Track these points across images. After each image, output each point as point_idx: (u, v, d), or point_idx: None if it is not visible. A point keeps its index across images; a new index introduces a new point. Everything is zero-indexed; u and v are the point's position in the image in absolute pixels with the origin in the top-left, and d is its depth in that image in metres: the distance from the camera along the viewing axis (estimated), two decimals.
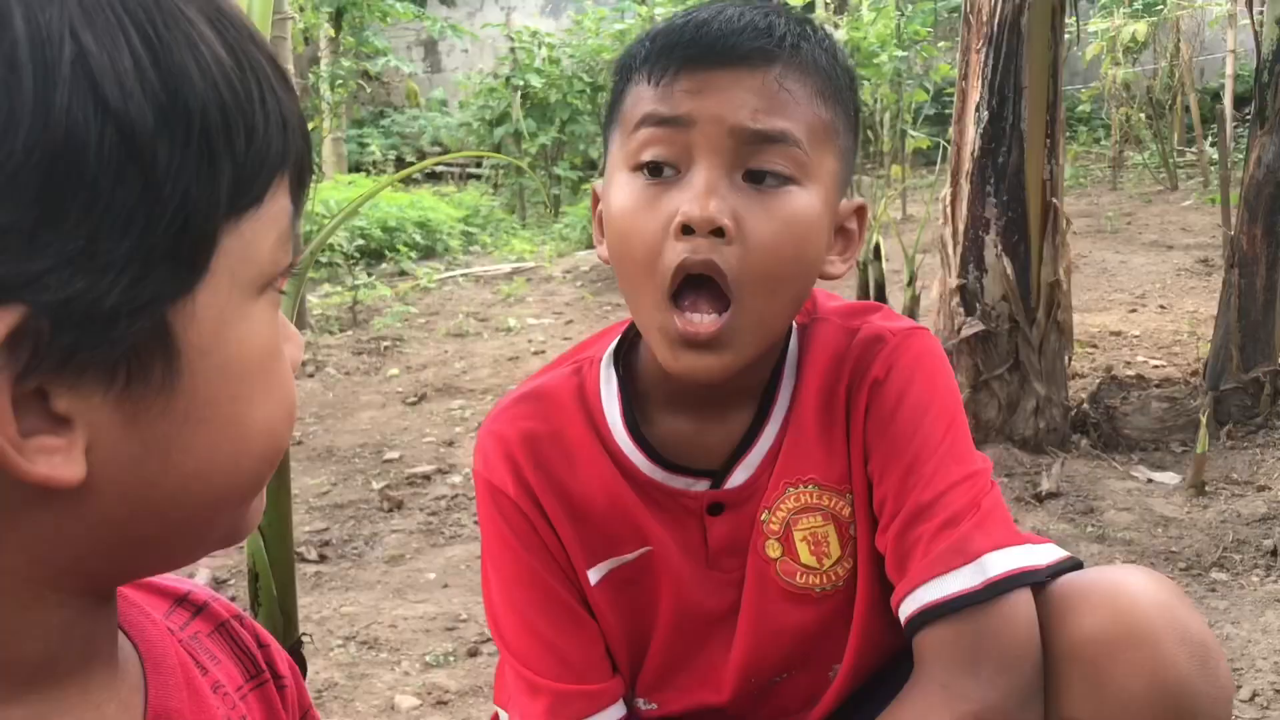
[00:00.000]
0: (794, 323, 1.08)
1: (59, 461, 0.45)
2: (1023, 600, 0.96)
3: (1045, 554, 1.01)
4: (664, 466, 1.06)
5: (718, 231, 0.92)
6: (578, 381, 1.09)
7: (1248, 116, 3.91)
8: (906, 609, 0.98)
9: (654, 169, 0.95)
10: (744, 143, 0.93)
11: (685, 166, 0.94)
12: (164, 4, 0.46)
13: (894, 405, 1.02)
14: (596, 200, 1.05)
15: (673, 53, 0.95)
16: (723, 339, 0.94)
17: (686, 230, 0.92)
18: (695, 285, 0.94)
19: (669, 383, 1.04)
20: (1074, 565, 1.02)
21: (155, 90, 0.45)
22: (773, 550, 1.06)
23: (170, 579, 0.67)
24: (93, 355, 0.45)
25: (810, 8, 5.74)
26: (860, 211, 1.04)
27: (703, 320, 0.94)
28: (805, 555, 1.05)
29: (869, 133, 6.88)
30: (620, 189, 0.98)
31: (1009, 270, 3.14)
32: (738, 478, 1.06)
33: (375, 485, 3.18)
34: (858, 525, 1.05)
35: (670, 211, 0.93)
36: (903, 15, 7.18)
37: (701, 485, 1.06)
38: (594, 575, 1.07)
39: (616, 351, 1.09)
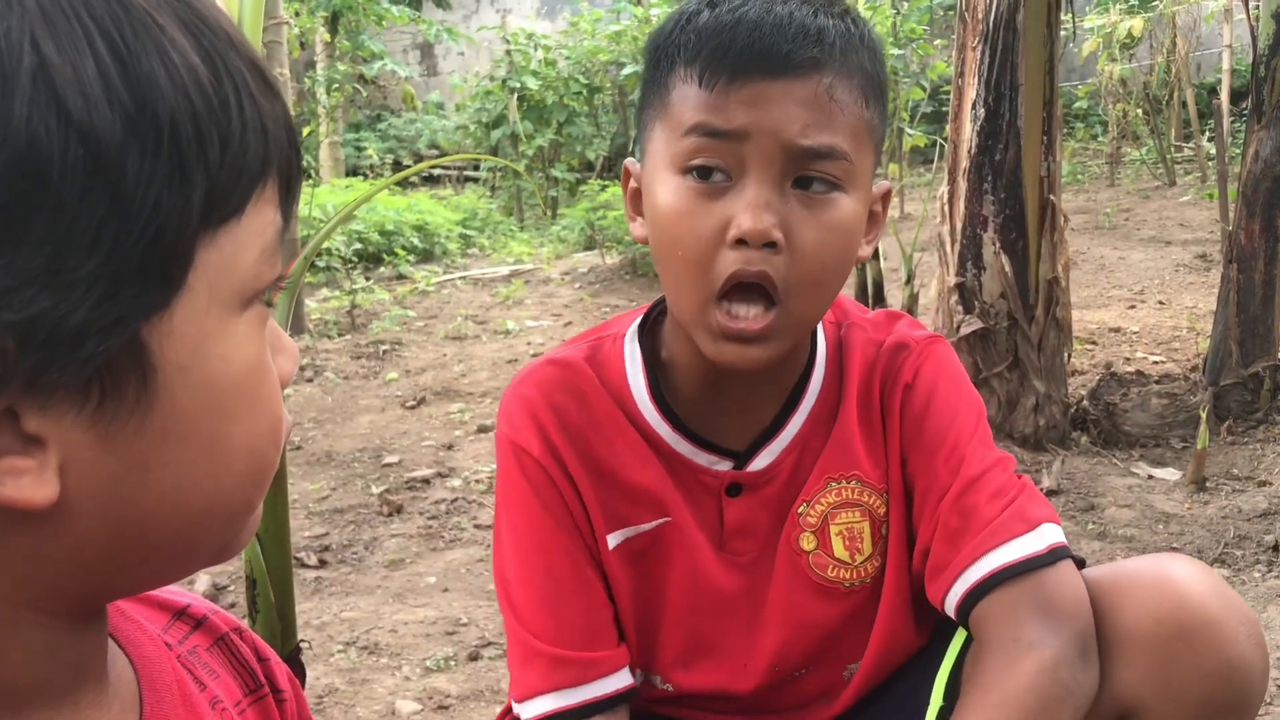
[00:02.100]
0: (821, 323, 1.12)
1: (28, 483, 0.44)
2: (1073, 568, 1.03)
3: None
4: (689, 439, 1.08)
5: (770, 244, 0.95)
6: (599, 356, 1.11)
7: (1245, 111, 3.91)
8: (971, 577, 1.01)
9: (703, 172, 0.98)
10: (795, 157, 0.96)
11: (737, 175, 0.96)
12: (133, 10, 0.44)
13: (925, 404, 1.07)
14: (628, 175, 1.07)
15: (724, 59, 0.95)
16: (767, 334, 0.98)
17: (741, 242, 0.95)
18: (742, 287, 0.98)
19: (699, 366, 1.06)
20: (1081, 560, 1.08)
21: (122, 100, 0.43)
22: (807, 543, 1.08)
23: (170, 592, 0.66)
24: (62, 374, 0.43)
25: None
26: (885, 196, 1.09)
27: (749, 313, 0.97)
28: (839, 549, 1.08)
29: None
30: (668, 188, 0.99)
31: (1007, 268, 3.14)
32: (760, 462, 1.09)
33: (374, 489, 3.17)
34: (891, 523, 1.08)
35: (723, 218, 0.96)
36: (898, 13, 7.19)
37: (724, 465, 1.09)
38: (612, 541, 1.08)
39: (640, 328, 1.12)
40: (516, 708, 1.06)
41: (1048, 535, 1.02)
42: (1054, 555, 1.01)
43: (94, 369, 0.44)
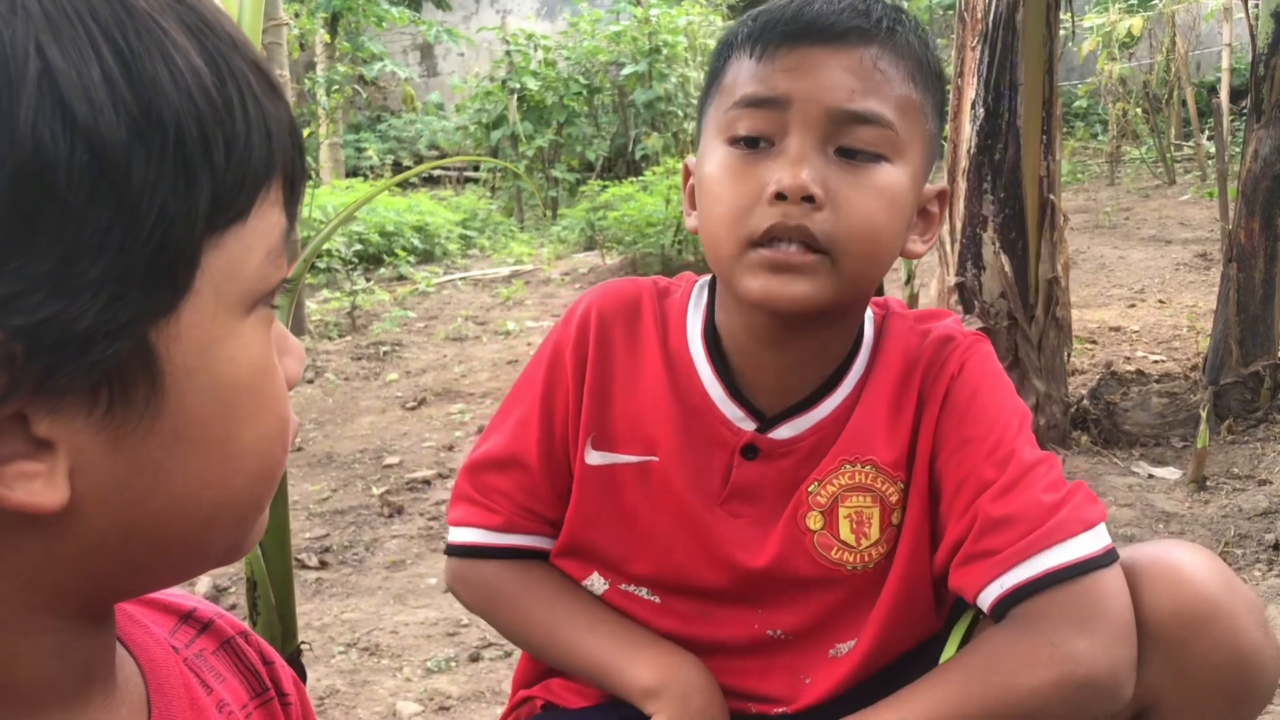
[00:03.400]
0: (872, 312, 1.14)
1: (38, 487, 0.44)
2: (1120, 573, 1.01)
3: None
4: (726, 387, 1.09)
5: (809, 199, 0.97)
6: (670, 292, 1.16)
7: (1244, 110, 3.91)
8: (1022, 574, 0.99)
9: (749, 141, 1.00)
10: (838, 122, 0.98)
11: (780, 139, 0.99)
12: (136, 14, 0.44)
13: (971, 396, 1.07)
14: (688, 174, 1.12)
15: (774, 29, 1.00)
16: (812, 270, 0.98)
17: (780, 197, 0.97)
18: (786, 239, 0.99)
19: (746, 333, 1.08)
20: None
21: (127, 104, 0.43)
22: (814, 522, 1.08)
23: (176, 595, 0.66)
24: (71, 378, 0.43)
25: None
26: (941, 196, 1.10)
27: (792, 248, 0.98)
28: (845, 532, 1.08)
29: None
30: (715, 158, 1.03)
31: (1007, 267, 3.14)
32: (783, 432, 1.09)
33: (375, 491, 3.17)
34: (908, 512, 1.08)
35: (764, 180, 0.98)
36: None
37: (749, 425, 1.09)
38: (593, 458, 1.11)
39: (711, 284, 1.15)
40: (451, 532, 1.18)
41: (1102, 537, 1.01)
42: (1108, 558, 0.99)
43: (102, 372, 0.44)
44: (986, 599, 1.01)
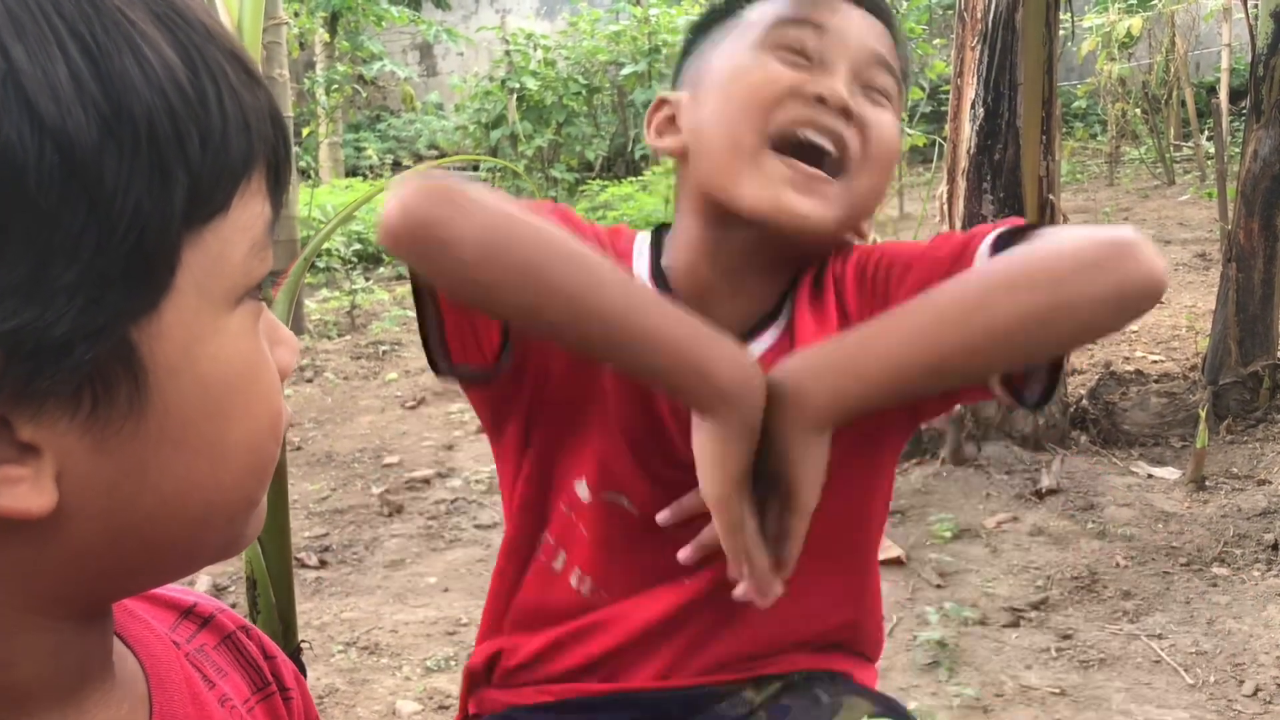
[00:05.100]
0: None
1: (23, 492, 0.44)
2: None
3: None
4: None
5: (844, 114, 1.01)
6: (615, 239, 1.15)
7: (1244, 110, 3.92)
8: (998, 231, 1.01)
9: (790, 53, 1.03)
10: (867, 62, 1.05)
11: (819, 60, 1.03)
12: (104, 8, 0.43)
13: (893, 249, 1.10)
14: (661, 103, 1.11)
15: None
16: (828, 193, 1.00)
17: (819, 101, 1.00)
18: (802, 153, 1.00)
19: (709, 257, 1.08)
20: None
21: (96, 102, 0.42)
22: None
23: (176, 590, 0.66)
24: (52, 383, 0.42)
25: None
26: None
27: (812, 168, 1.00)
28: None
29: None
30: (744, 58, 1.04)
31: None
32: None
33: (375, 490, 3.17)
34: None
35: (800, 80, 1.01)
36: (897, 12, 7.20)
37: None
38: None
39: (654, 233, 1.15)
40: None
41: None
42: None
43: (84, 375, 0.43)
44: (986, 245, 1.00)
